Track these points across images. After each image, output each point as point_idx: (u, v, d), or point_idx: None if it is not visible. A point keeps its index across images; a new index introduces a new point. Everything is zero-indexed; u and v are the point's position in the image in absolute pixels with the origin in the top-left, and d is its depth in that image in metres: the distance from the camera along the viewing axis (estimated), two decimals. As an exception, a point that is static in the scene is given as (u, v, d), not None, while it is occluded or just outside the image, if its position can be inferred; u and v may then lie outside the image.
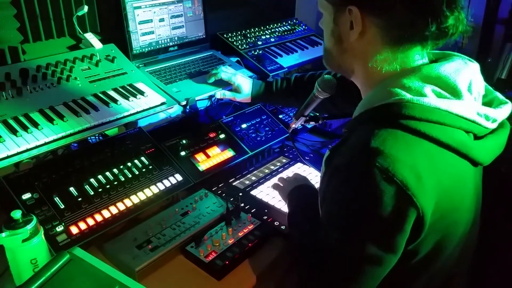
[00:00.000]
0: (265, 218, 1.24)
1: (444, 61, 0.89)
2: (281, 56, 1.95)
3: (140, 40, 1.61)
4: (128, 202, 1.18)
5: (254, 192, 1.38)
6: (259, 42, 1.98)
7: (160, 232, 1.15)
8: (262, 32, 2.07)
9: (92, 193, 1.17)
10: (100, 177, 1.21)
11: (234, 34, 1.96)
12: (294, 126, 1.43)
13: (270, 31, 2.10)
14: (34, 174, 1.14)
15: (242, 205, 1.29)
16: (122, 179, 1.23)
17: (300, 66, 2.00)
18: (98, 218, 1.12)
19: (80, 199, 1.14)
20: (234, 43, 1.90)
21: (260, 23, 2.11)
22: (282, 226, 1.21)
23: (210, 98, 1.67)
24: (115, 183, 1.21)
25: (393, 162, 0.76)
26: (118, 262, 1.06)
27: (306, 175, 1.33)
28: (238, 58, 1.86)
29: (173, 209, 1.25)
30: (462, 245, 0.95)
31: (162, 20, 1.66)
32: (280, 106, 1.85)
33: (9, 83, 1.27)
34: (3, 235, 0.91)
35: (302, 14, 2.42)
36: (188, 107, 1.55)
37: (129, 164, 1.28)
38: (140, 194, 1.22)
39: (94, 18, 1.56)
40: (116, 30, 1.56)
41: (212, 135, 1.51)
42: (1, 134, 1.13)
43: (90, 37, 1.53)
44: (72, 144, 1.24)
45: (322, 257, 0.88)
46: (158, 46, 1.67)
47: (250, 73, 1.77)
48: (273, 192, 1.35)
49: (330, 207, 0.88)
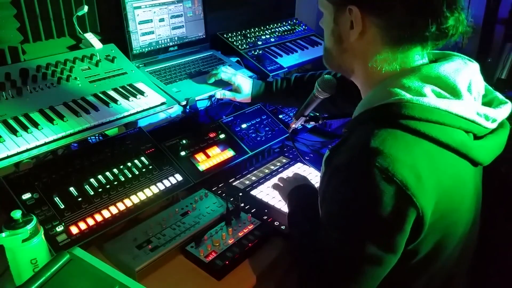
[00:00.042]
0: (265, 218, 1.24)
1: (443, 61, 0.89)
2: (281, 56, 1.95)
3: (140, 40, 1.61)
4: (128, 202, 1.19)
5: (254, 192, 1.38)
6: (259, 42, 1.98)
7: (160, 232, 1.15)
8: (262, 32, 2.07)
9: (92, 193, 1.17)
10: (100, 177, 1.21)
11: (234, 34, 1.96)
12: (294, 126, 1.43)
13: (270, 31, 2.10)
14: (34, 174, 1.14)
15: (242, 205, 1.29)
16: (122, 179, 1.23)
17: (300, 66, 2.00)
18: (98, 218, 1.12)
19: (80, 199, 1.14)
20: (234, 43, 1.90)
21: (260, 23, 2.11)
22: (282, 226, 1.21)
23: (210, 98, 1.67)
24: (115, 183, 1.21)
25: (392, 162, 0.76)
26: (118, 262, 1.06)
27: (306, 175, 1.33)
28: (238, 58, 1.86)
29: (173, 209, 1.25)
30: (462, 245, 0.95)
31: (162, 20, 1.66)
32: (280, 106, 1.85)
33: (9, 83, 1.27)
34: (3, 235, 0.91)
35: (302, 14, 2.42)
36: (188, 107, 1.55)
37: (129, 164, 1.28)
38: (140, 194, 1.22)
39: (94, 18, 1.56)
40: (116, 30, 1.56)
41: (212, 135, 1.51)
42: (1, 134, 1.13)
43: (90, 37, 1.53)
44: (72, 144, 1.24)
45: (322, 257, 0.88)
46: (158, 46, 1.67)
47: (250, 73, 1.77)
48: (273, 192, 1.35)
49: (330, 207, 0.89)
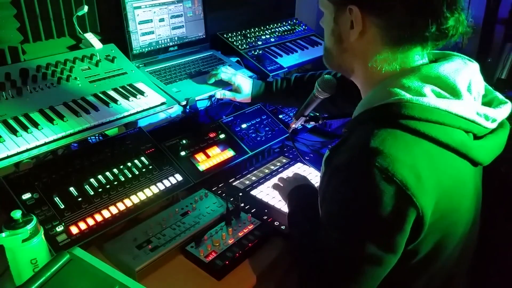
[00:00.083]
0: (265, 218, 1.24)
1: (443, 61, 0.89)
2: (281, 56, 1.95)
3: (140, 40, 1.61)
4: (128, 202, 1.19)
5: (254, 192, 1.38)
6: (259, 42, 1.98)
7: (160, 232, 1.15)
8: (262, 32, 2.07)
9: (92, 193, 1.17)
10: (100, 177, 1.21)
11: (234, 34, 1.96)
12: (294, 126, 1.43)
13: (270, 31, 2.10)
14: (34, 174, 1.14)
15: (242, 205, 1.29)
16: (122, 179, 1.23)
17: (300, 66, 2.00)
18: (98, 218, 1.12)
19: (80, 199, 1.14)
20: (234, 43, 1.90)
21: (260, 23, 2.11)
22: (282, 226, 1.21)
23: (210, 98, 1.67)
24: (115, 183, 1.21)
25: (392, 162, 0.76)
26: (118, 262, 1.06)
27: (306, 175, 1.33)
28: (238, 58, 1.86)
29: (173, 209, 1.25)
30: (462, 245, 0.95)
31: (162, 20, 1.66)
32: (280, 106, 1.85)
33: (9, 83, 1.27)
34: (3, 235, 0.91)
35: (302, 14, 2.42)
36: (188, 107, 1.55)
37: (129, 164, 1.28)
38: (140, 194, 1.22)
39: (94, 18, 1.56)
40: (116, 30, 1.56)
41: (212, 135, 1.51)
42: (1, 134, 1.13)
43: (90, 37, 1.53)
44: (72, 144, 1.24)
45: (322, 257, 0.88)
46: (158, 46, 1.67)
47: (250, 73, 1.77)
48: (273, 192, 1.35)
49: (330, 207, 0.89)
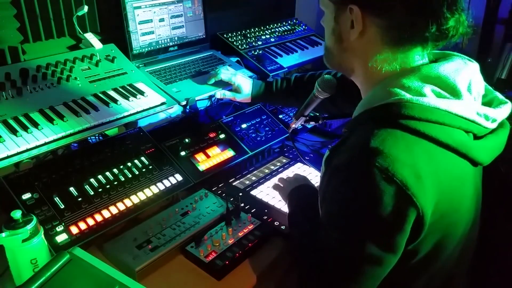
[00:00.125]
0: (265, 218, 1.24)
1: (443, 61, 0.89)
2: (281, 56, 1.95)
3: (140, 40, 1.61)
4: (128, 202, 1.19)
5: (254, 192, 1.38)
6: (259, 42, 1.98)
7: (160, 232, 1.15)
8: (262, 32, 2.07)
9: (92, 193, 1.17)
10: (100, 177, 1.21)
11: (234, 34, 1.96)
12: (294, 126, 1.43)
13: (270, 31, 2.10)
14: (34, 174, 1.14)
15: (242, 205, 1.29)
16: (122, 179, 1.23)
17: (300, 66, 2.00)
18: (98, 218, 1.12)
19: (80, 199, 1.14)
20: (234, 43, 1.90)
21: (260, 23, 2.11)
22: (282, 226, 1.21)
23: (210, 98, 1.67)
24: (115, 183, 1.21)
25: (392, 162, 0.76)
26: (118, 262, 1.06)
27: (306, 175, 1.33)
28: (238, 58, 1.86)
29: (173, 209, 1.25)
30: (462, 245, 0.95)
31: (162, 20, 1.66)
32: (280, 106, 1.85)
33: (9, 83, 1.27)
34: (3, 235, 0.91)
35: (302, 14, 2.42)
36: (188, 107, 1.55)
37: (129, 164, 1.28)
38: (140, 194, 1.22)
39: (94, 18, 1.56)
40: (116, 30, 1.56)
41: (212, 135, 1.51)
42: (1, 134, 1.13)
43: (90, 37, 1.53)
44: (72, 144, 1.24)
45: (322, 257, 0.88)
46: (158, 46, 1.67)
47: (250, 73, 1.77)
48: (273, 192, 1.35)
49: (330, 207, 0.88)
